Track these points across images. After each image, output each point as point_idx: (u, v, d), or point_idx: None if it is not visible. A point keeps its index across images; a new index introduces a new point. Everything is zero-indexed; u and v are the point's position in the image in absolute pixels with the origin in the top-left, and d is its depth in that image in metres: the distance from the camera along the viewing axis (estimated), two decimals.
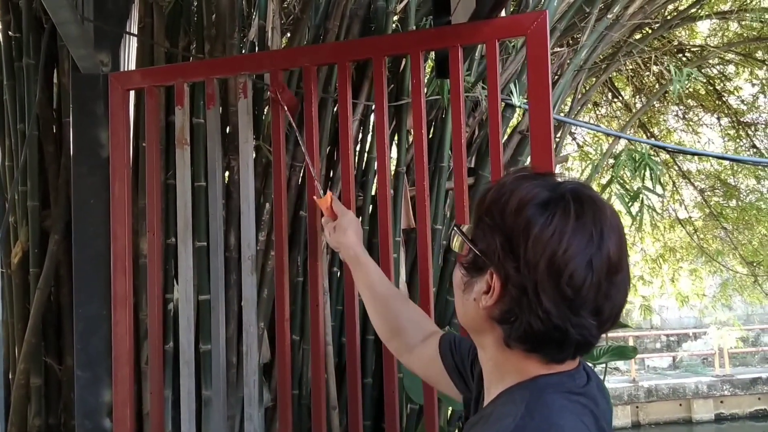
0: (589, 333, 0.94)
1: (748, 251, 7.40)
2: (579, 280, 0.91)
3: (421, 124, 1.87)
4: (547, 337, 0.94)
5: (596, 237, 0.92)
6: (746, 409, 14.93)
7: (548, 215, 0.92)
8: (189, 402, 2.03)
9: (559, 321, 0.92)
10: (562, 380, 0.98)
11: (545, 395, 0.95)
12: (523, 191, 0.96)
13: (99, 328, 2.12)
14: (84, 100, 2.16)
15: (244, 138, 2.04)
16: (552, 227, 0.91)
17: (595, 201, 0.96)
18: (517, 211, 0.94)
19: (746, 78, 7.21)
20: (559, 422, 0.91)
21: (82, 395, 2.11)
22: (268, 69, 2.02)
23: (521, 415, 0.92)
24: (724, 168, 7.45)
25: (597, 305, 0.92)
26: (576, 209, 0.93)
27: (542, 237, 0.91)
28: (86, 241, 2.13)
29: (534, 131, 1.74)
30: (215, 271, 2.05)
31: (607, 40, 3.83)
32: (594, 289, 0.91)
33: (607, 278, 0.92)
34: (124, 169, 2.11)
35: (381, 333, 1.58)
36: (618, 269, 0.94)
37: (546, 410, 0.93)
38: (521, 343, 0.97)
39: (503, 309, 0.96)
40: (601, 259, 0.92)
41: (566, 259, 0.90)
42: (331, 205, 1.84)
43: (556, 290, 0.91)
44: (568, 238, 0.91)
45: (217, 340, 2.03)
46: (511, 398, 0.97)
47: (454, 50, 1.84)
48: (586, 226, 0.92)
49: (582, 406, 0.96)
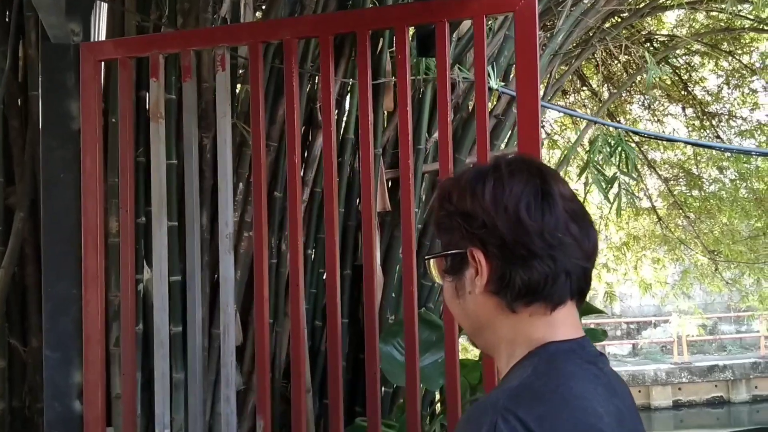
0: (575, 255, 0.97)
1: (710, 240, 7.52)
2: (536, 208, 0.95)
3: (405, 101, 1.84)
4: (540, 276, 0.96)
5: (535, 175, 0.98)
6: (703, 396, 15.26)
7: (485, 177, 0.99)
8: (164, 384, 1.98)
9: (542, 251, 0.95)
10: (572, 347, 0.98)
11: (556, 360, 0.96)
12: (461, 177, 1.03)
13: (69, 308, 2.05)
14: (54, 70, 2.07)
15: (221, 112, 1.98)
16: (491, 182, 0.97)
17: (525, 162, 1.02)
18: (461, 191, 1.00)
19: (711, 69, 7.31)
20: (568, 383, 0.92)
21: (52, 377, 2.03)
22: (247, 41, 1.95)
23: (527, 375, 0.93)
24: (688, 157, 7.56)
25: (568, 226, 0.96)
26: (506, 167, 0.99)
27: (486, 192, 0.97)
28: (56, 217, 2.05)
29: (521, 110, 1.72)
30: (191, 251, 2.00)
31: (582, 26, 3.83)
32: (557, 214, 0.96)
33: (564, 203, 0.97)
34: (96, 143, 2.03)
35: None
36: (573, 198, 0.99)
37: (555, 372, 0.94)
38: (522, 297, 0.97)
39: (496, 276, 0.98)
40: (550, 189, 0.97)
41: (515, 197, 0.95)
42: None
43: (520, 225, 0.95)
44: (508, 183, 0.97)
45: (193, 322, 1.98)
46: (521, 366, 0.98)
47: (440, 25, 1.80)
48: (520, 172, 0.98)
49: (593, 375, 0.96)
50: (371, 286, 1.87)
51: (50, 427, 2.04)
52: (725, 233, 7.66)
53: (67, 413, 2.05)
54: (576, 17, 3.63)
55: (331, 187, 1.90)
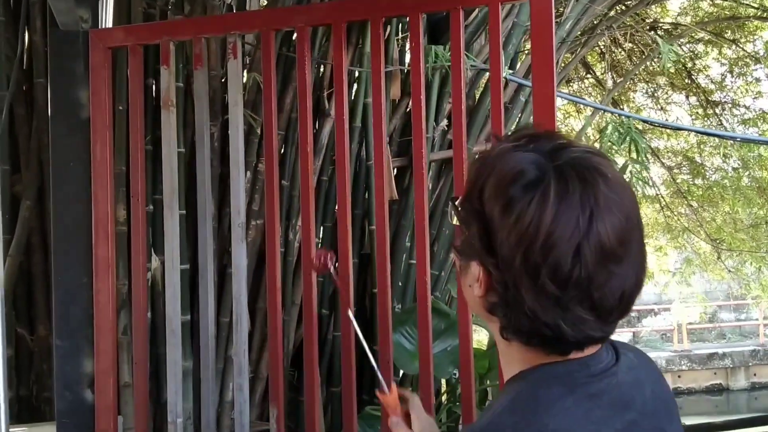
0: (589, 327, 0.81)
1: (712, 228, 7.52)
2: (564, 273, 0.77)
3: (419, 89, 1.82)
4: (538, 334, 0.82)
5: (583, 221, 0.77)
6: (702, 384, 15.32)
7: (528, 199, 0.78)
8: (176, 372, 1.98)
9: (548, 319, 0.80)
10: (570, 369, 0.84)
11: (541, 388, 0.83)
12: (504, 168, 0.82)
13: (79, 297, 2.03)
14: (63, 58, 2.05)
15: (233, 101, 1.96)
16: (529, 215, 0.78)
17: (587, 176, 0.80)
18: (495, 195, 0.81)
19: (714, 57, 7.28)
20: (543, 420, 0.79)
21: (62, 366, 2.03)
22: (259, 29, 1.94)
23: (501, 410, 0.82)
24: (691, 146, 7.55)
25: (591, 298, 0.79)
26: (558, 190, 0.78)
27: (518, 227, 0.78)
28: (65, 205, 2.04)
29: (537, 99, 1.71)
30: (203, 240, 1.99)
31: (590, 14, 3.81)
32: (585, 282, 0.78)
33: (600, 267, 0.78)
34: (106, 131, 2.02)
35: None
36: (617, 255, 0.79)
37: (533, 405, 0.81)
38: (517, 336, 0.85)
39: (492, 301, 0.84)
40: (590, 247, 0.77)
41: (546, 252, 0.77)
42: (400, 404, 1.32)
43: (535, 287, 0.78)
44: (547, 227, 0.77)
45: (205, 311, 1.97)
46: (507, 389, 0.87)
47: (455, 12, 1.78)
48: (571, 209, 0.77)
49: (590, 397, 0.82)
50: (384, 275, 1.87)
51: (61, 417, 2.04)
52: (727, 221, 7.66)
53: (78, 402, 2.04)
54: (584, 4, 3.61)
55: (343, 176, 1.88)
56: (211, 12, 2.80)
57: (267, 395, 3.07)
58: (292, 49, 2.99)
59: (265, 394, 3.06)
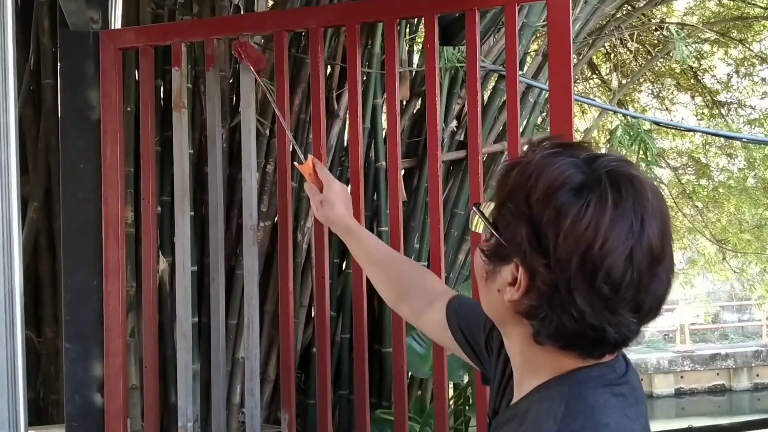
0: (628, 330, 0.85)
1: (717, 229, 7.51)
2: (617, 276, 0.80)
3: (434, 91, 1.80)
4: (581, 336, 0.84)
5: (636, 226, 0.81)
6: (705, 384, 15.32)
7: (582, 204, 0.81)
8: (186, 376, 1.96)
9: (595, 321, 0.82)
10: (602, 372, 0.89)
11: (585, 391, 0.87)
12: (552, 173, 0.83)
13: (88, 299, 2.01)
14: (73, 59, 2.03)
15: (246, 102, 1.94)
16: (586, 219, 0.80)
17: (635, 183, 0.84)
18: (545, 198, 0.82)
19: (720, 57, 7.26)
20: (603, 420, 0.84)
21: (72, 369, 2.01)
22: (272, 29, 1.92)
23: (562, 415, 0.84)
24: (697, 147, 7.53)
25: (637, 301, 0.82)
26: (614, 196, 0.81)
27: (575, 230, 0.80)
28: (75, 207, 2.02)
29: (554, 102, 1.69)
30: (214, 242, 1.97)
31: (599, 14, 3.79)
32: (634, 285, 0.81)
33: (648, 271, 0.82)
34: (117, 132, 2.00)
35: (387, 299, 1.47)
36: (660, 259, 0.83)
37: (588, 408, 0.85)
38: (553, 340, 0.87)
39: (531, 304, 0.86)
40: (642, 251, 0.81)
41: (603, 255, 0.80)
42: (314, 170, 1.63)
43: (591, 289, 0.81)
44: (604, 231, 0.80)
45: (216, 313, 1.95)
46: (548, 395, 0.89)
47: (471, 13, 1.76)
48: (625, 215, 0.81)
49: (624, 397, 0.88)
50: None
51: (71, 420, 2.02)
52: (732, 222, 7.65)
53: (87, 406, 2.03)
54: (593, 6, 3.59)
55: (357, 178, 1.87)
56: (219, 12, 2.78)
57: (274, 398, 3.06)
58: (300, 50, 2.97)
59: (272, 396, 3.04)
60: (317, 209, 1.60)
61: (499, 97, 3.37)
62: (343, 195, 1.61)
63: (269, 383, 3.04)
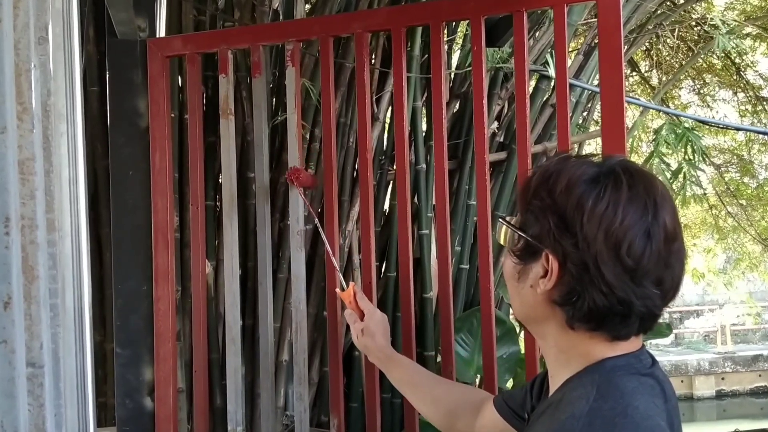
0: (653, 303, 0.94)
1: (762, 228, 7.35)
2: (638, 249, 0.91)
3: (481, 95, 1.79)
4: (611, 312, 0.93)
5: (650, 206, 0.93)
6: (747, 386, 15.00)
7: (600, 188, 0.93)
8: (236, 380, 1.97)
9: (623, 293, 0.92)
10: (630, 361, 0.97)
11: (615, 378, 0.95)
12: (570, 170, 0.96)
13: (139, 305, 2.04)
14: (121, 67, 2.06)
15: (291, 108, 1.95)
16: (606, 200, 0.92)
17: (645, 172, 0.98)
18: (567, 189, 0.94)
19: (763, 52, 7.10)
20: (633, 403, 0.91)
21: (122, 374, 2.04)
22: (317, 35, 1.92)
23: (594, 398, 0.92)
24: (739, 144, 7.38)
25: (658, 274, 0.93)
26: (627, 180, 0.93)
27: (597, 210, 0.91)
28: (125, 214, 2.05)
29: (605, 104, 1.66)
30: (262, 248, 1.98)
31: (641, 11, 3.73)
32: (654, 258, 0.92)
33: (665, 247, 0.93)
34: (165, 140, 2.03)
35: (435, 419, 1.51)
36: (675, 237, 0.95)
37: (618, 392, 0.93)
38: (585, 322, 0.96)
39: (563, 290, 0.95)
40: (658, 227, 0.92)
41: (624, 229, 0.91)
42: (354, 298, 1.68)
43: (616, 261, 0.91)
44: (623, 209, 0.91)
45: (265, 317, 1.96)
46: (580, 383, 0.97)
47: (518, 15, 1.74)
48: (639, 196, 0.93)
49: (651, 387, 0.96)
50: (446, 281, 1.84)
51: (122, 424, 2.05)
52: None
53: (138, 410, 2.05)
54: (635, 3, 3.53)
55: (403, 180, 1.86)
56: (260, 17, 2.80)
57: (317, 401, 3.07)
58: (339, 54, 2.98)
59: (314, 400, 3.05)
60: (357, 338, 1.66)
61: (540, 97, 3.33)
62: (383, 324, 1.66)
63: (313, 386, 3.04)
